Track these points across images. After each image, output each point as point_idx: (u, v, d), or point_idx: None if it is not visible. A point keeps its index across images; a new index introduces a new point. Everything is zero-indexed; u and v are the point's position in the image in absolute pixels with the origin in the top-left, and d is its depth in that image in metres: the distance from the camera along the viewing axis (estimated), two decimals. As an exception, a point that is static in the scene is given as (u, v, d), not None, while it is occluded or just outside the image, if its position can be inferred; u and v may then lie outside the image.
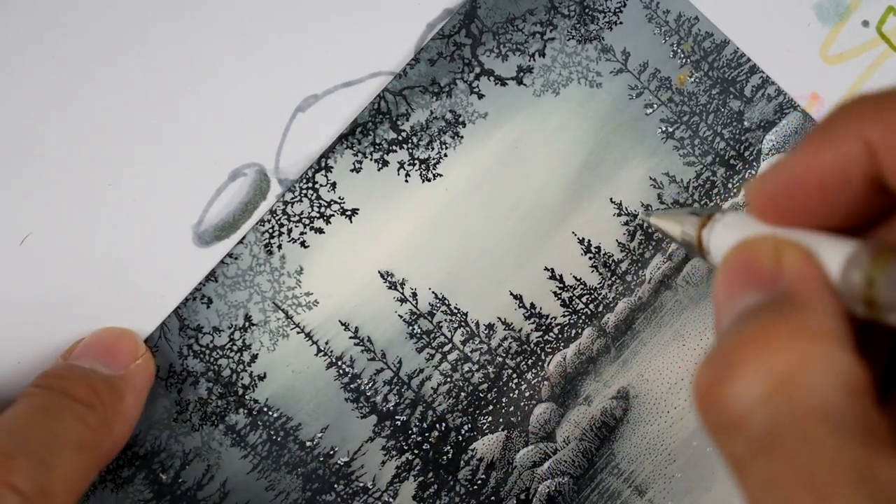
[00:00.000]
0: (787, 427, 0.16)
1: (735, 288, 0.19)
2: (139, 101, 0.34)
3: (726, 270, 0.20)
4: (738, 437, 0.17)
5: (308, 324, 0.35)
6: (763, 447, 0.16)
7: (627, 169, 0.37)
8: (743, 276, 0.19)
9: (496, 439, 0.36)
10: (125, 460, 0.33)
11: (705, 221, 0.25)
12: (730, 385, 0.17)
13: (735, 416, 0.17)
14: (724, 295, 0.20)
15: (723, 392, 0.17)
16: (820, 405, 0.16)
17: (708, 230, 0.24)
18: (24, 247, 0.33)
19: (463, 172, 0.36)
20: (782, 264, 0.19)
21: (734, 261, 0.20)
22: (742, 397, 0.17)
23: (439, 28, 0.36)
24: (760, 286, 0.19)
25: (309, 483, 0.34)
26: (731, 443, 0.17)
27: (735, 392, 0.17)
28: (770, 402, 0.16)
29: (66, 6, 0.33)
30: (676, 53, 0.38)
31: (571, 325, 0.37)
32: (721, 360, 0.18)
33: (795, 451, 0.16)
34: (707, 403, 0.18)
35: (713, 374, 0.18)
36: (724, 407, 0.17)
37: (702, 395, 0.18)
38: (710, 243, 0.24)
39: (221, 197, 0.34)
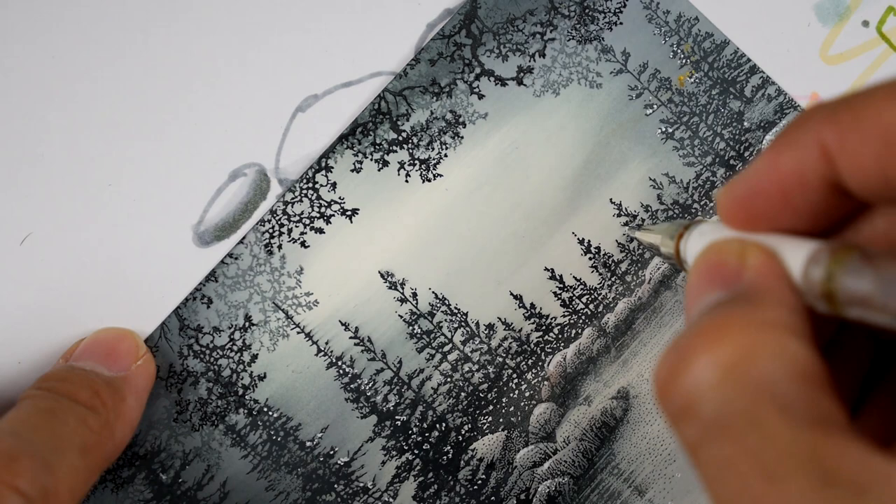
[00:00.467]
0: (737, 411, 0.17)
1: (702, 287, 0.20)
2: (139, 101, 0.34)
3: (695, 272, 0.20)
4: (692, 423, 0.17)
5: (308, 324, 0.35)
6: (714, 432, 0.17)
7: (627, 169, 0.37)
8: (709, 275, 0.20)
9: (496, 439, 0.36)
10: (125, 460, 0.33)
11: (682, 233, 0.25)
12: (683, 374, 0.18)
13: (688, 403, 0.18)
14: (692, 293, 0.20)
15: (677, 380, 0.18)
16: (769, 389, 0.17)
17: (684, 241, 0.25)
18: (24, 247, 0.33)
19: (463, 172, 0.36)
20: (745, 263, 0.19)
21: (702, 262, 0.20)
22: (695, 384, 0.17)
23: (439, 28, 0.36)
24: (724, 284, 0.19)
25: (309, 483, 0.34)
26: (685, 429, 0.18)
27: (688, 380, 0.18)
28: (721, 387, 0.17)
29: (66, 6, 0.33)
30: (676, 54, 0.38)
31: (571, 325, 0.37)
32: (677, 352, 0.18)
33: (745, 435, 0.16)
34: (664, 392, 0.18)
35: (669, 365, 0.18)
36: (679, 394, 0.18)
37: (659, 384, 0.19)
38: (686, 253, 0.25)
39: (221, 197, 0.34)
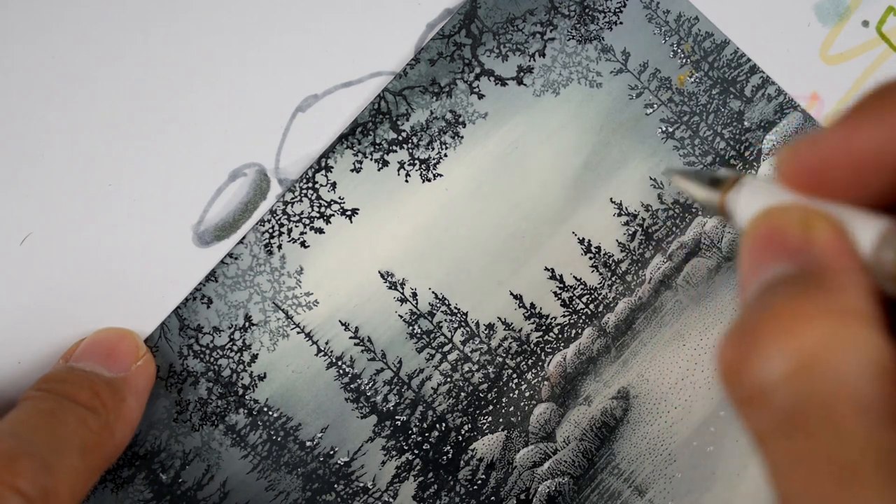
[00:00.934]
0: (812, 408, 0.16)
1: (761, 257, 0.19)
2: (139, 101, 0.34)
3: (752, 238, 0.19)
4: (762, 411, 0.17)
5: (308, 324, 0.35)
6: (786, 426, 0.16)
7: (627, 169, 0.37)
8: (769, 245, 0.19)
9: (496, 439, 0.36)
10: (125, 460, 0.33)
11: (731, 185, 0.24)
12: (754, 359, 0.17)
13: (759, 391, 0.17)
14: (750, 263, 0.19)
15: (747, 366, 0.17)
16: (846, 387, 0.16)
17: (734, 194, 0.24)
18: (24, 247, 0.33)
19: (463, 172, 0.36)
20: (811, 236, 0.18)
21: (761, 228, 0.19)
22: (766, 373, 0.17)
23: (439, 28, 0.36)
24: (787, 257, 0.18)
25: (309, 483, 0.34)
26: (754, 417, 0.17)
27: (759, 367, 0.17)
28: (795, 380, 0.16)
29: (66, 6, 0.33)
30: (676, 53, 0.38)
31: (571, 325, 0.37)
32: (746, 334, 0.17)
33: (819, 433, 0.16)
34: (731, 376, 0.18)
35: (738, 347, 0.17)
36: (748, 381, 0.17)
37: (725, 367, 0.18)
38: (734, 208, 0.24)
39: (221, 197, 0.34)
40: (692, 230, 0.38)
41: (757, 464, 0.37)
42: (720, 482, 0.36)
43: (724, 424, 0.37)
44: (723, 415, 0.37)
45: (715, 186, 0.25)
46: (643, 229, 0.37)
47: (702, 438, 0.37)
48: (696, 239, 0.38)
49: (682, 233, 0.38)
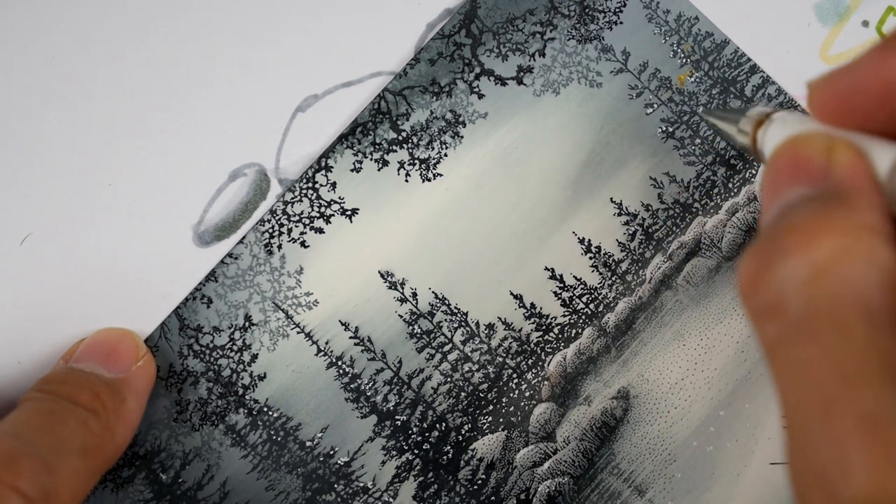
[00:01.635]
0: (823, 314, 0.16)
1: (783, 179, 0.19)
2: (139, 101, 0.34)
3: (775, 163, 0.20)
4: (775, 321, 0.17)
5: (308, 324, 0.35)
6: (797, 332, 0.17)
7: (627, 169, 0.37)
8: (792, 169, 0.19)
9: (496, 439, 0.36)
10: (125, 460, 0.33)
11: (762, 120, 0.24)
12: (772, 271, 0.17)
13: (774, 302, 0.17)
14: (772, 184, 0.20)
15: (764, 278, 0.17)
16: (857, 295, 0.16)
17: (763, 129, 0.24)
18: (24, 247, 0.33)
19: (463, 172, 0.36)
20: (833, 160, 0.19)
21: (784, 155, 0.20)
22: (782, 283, 0.17)
23: (439, 28, 0.36)
24: (809, 180, 0.19)
25: (309, 483, 0.34)
26: (766, 327, 0.17)
27: (776, 278, 0.17)
28: (809, 289, 0.17)
29: (66, 6, 0.33)
30: (676, 53, 0.38)
31: (571, 325, 0.37)
32: (765, 248, 0.18)
33: (828, 338, 0.16)
34: (748, 289, 0.18)
35: (756, 261, 0.18)
36: (766, 291, 0.17)
37: (744, 280, 0.18)
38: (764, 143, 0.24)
39: (221, 197, 0.34)
40: (692, 230, 0.38)
41: (757, 464, 0.37)
42: (720, 482, 0.36)
43: (724, 424, 0.37)
44: (723, 415, 0.37)
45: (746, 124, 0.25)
46: (643, 229, 0.37)
47: (702, 438, 0.37)
48: (697, 239, 0.38)
49: (683, 232, 0.38)
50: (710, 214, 0.38)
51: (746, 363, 0.37)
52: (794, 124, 0.22)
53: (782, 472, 0.37)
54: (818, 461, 0.16)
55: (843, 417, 0.15)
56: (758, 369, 0.37)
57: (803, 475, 0.16)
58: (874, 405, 0.15)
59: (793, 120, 0.22)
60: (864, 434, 0.15)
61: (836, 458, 0.15)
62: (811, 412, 0.16)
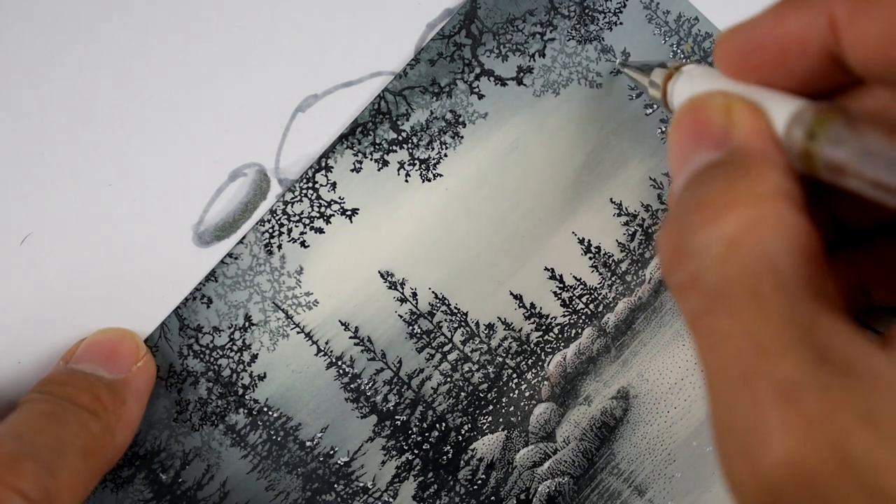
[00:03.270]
0: (737, 285, 0.17)
1: (688, 145, 0.20)
2: (139, 101, 0.34)
3: (678, 125, 0.20)
4: (694, 295, 0.18)
5: (308, 324, 0.35)
6: (713, 304, 0.17)
7: (627, 169, 0.37)
8: (695, 131, 0.20)
9: (496, 439, 0.36)
10: (125, 460, 0.33)
11: (671, 73, 0.25)
12: (688, 246, 0.18)
13: (693, 276, 0.18)
14: (678, 151, 0.20)
15: (681, 253, 0.18)
16: (770, 265, 0.17)
17: (673, 82, 0.24)
18: (24, 247, 0.33)
19: (463, 172, 0.36)
20: (732, 121, 0.19)
21: (686, 117, 0.20)
22: (698, 257, 0.18)
23: (439, 28, 0.36)
24: (712, 143, 0.19)
25: (309, 483, 0.34)
26: (687, 301, 0.18)
27: (692, 253, 0.18)
28: (722, 262, 0.17)
29: (65, 6, 0.33)
30: (676, 54, 0.38)
31: (571, 325, 0.37)
32: (679, 225, 0.18)
33: (742, 309, 0.16)
34: (668, 264, 0.18)
35: (673, 237, 0.18)
36: (684, 267, 0.18)
37: (664, 257, 0.19)
38: (673, 96, 0.24)
39: (221, 197, 0.34)
40: (692, 230, 0.38)
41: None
42: (720, 482, 0.36)
43: (723, 424, 0.37)
44: (722, 415, 0.37)
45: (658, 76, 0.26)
46: (643, 229, 0.37)
47: (702, 438, 0.37)
48: (696, 239, 0.38)
49: (682, 233, 0.38)
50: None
51: (746, 363, 0.37)
52: (700, 78, 0.22)
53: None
54: (739, 430, 0.16)
55: (761, 387, 0.16)
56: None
57: (726, 443, 0.16)
58: (791, 373, 0.15)
59: (699, 73, 0.23)
60: (782, 402, 0.15)
61: (756, 427, 0.15)
62: (731, 383, 0.16)
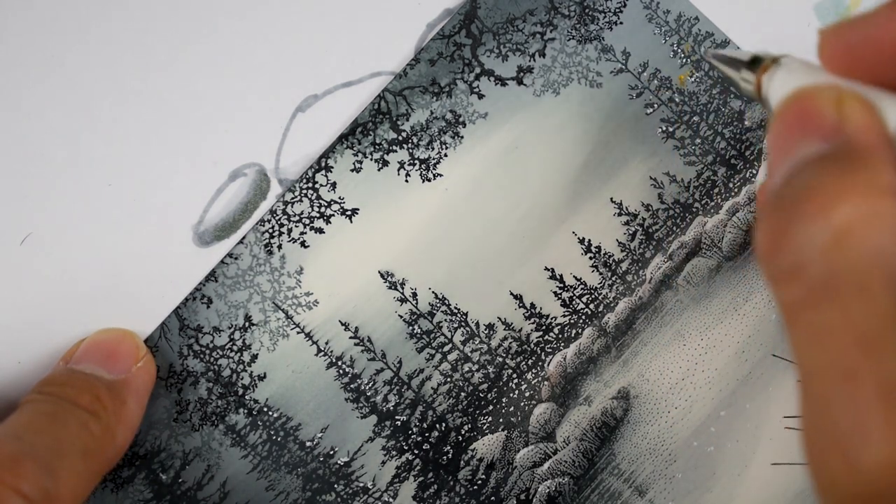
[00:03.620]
0: (844, 279, 0.16)
1: (793, 134, 0.19)
2: (139, 101, 0.34)
3: (784, 115, 0.19)
4: (795, 284, 0.17)
5: (308, 324, 0.35)
6: (817, 297, 0.16)
7: (627, 169, 0.37)
8: (802, 122, 0.19)
9: (496, 439, 0.36)
10: (125, 460, 0.33)
11: (768, 66, 0.23)
12: (791, 234, 0.17)
13: (794, 266, 0.17)
14: (781, 139, 0.19)
15: (784, 241, 0.17)
16: (880, 261, 0.16)
17: (769, 75, 0.23)
18: (24, 247, 0.33)
19: (463, 172, 0.36)
20: (844, 115, 0.18)
21: (794, 106, 0.19)
22: (802, 247, 0.17)
23: (439, 28, 0.36)
24: (820, 135, 0.18)
25: (309, 483, 0.34)
26: (786, 290, 0.17)
27: (796, 241, 0.17)
28: (830, 253, 0.16)
29: (66, 6, 0.33)
30: (676, 53, 0.38)
31: (571, 325, 0.36)
32: (783, 211, 0.18)
33: (849, 304, 0.16)
34: (767, 252, 0.18)
35: (775, 224, 0.18)
36: (784, 256, 0.17)
37: (763, 243, 0.18)
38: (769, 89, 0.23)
39: (221, 197, 0.34)
40: (692, 230, 0.38)
41: (758, 464, 0.37)
42: (720, 482, 0.36)
43: (724, 425, 0.37)
44: (723, 415, 0.37)
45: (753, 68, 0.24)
46: (643, 229, 0.37)
47: (702, 439, 0.36)
48: (697, 238, 0.38)
49: (683, 232, 0.38)
50: (710, 214, 0.38)
51: (747, 363, 0.37)
52: (801, 72, 0.21)
53: (783, 473, 0.37)
54: (837, 427, 0.15)
55: (863, 384, 0.15)
56: (759, 369, 0.37)
57: (820, 441, 0.16)
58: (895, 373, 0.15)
59: (800, 68, 0.22)
60: (885, 401, 0.15)
61: (855, 425, 0.15)
62: (830, 378, 0.16)
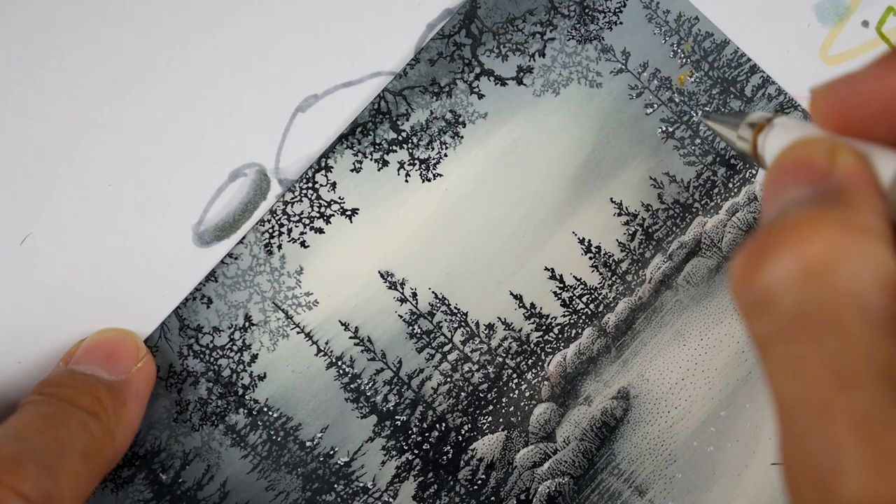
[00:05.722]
0: (818, 313, 0.16)
1: (785, 182, 0.19)
2: (139, 101, 0.34)
3: (778, 166, 0.19)
4: (767, 317, 0.17)
5: (308, 324, 0.35)
6: (791, 330, 0.16)
7: (627, 169, 0.37)
8: (794, 171, 0.19)
9: (496, 439, 0.36)
10: (125, 460, 0.33)
11: (763, 126, 0.24)
12: (764, 267, 0.17)
13: (767, 298, 0.17)
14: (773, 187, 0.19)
15: (756, 273, 0.17)
16: (854, 295, 0.16)
17: (764, 135, 0.24)
18: (24, 247, 0.33)
19: (463, 172, 0.36)
20: (836, 162, 0.18)
21: (787, 157, 0.19)
22: (776, 279, 0.17)
23: (439, 28, 0.36)
24: (810, 182, 0.19)
25: (309, 483, 0.34)
26: (758, 323, 0.17)
27: (768, 273, 0.17)
28: (804, 286, 0.16)
29: (66, 6, 0.33)
30: (676, 53, 0.38)
31: (571, 325, 0.37)
32: (759, 244, 0.18)
33: (823, 338, 0.16)
34: (740, 284, 0.18)
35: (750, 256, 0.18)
36: (758, 287, 0.17)
37: (736, 275, 0.18)
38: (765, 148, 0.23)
39: (221, 197, 0.34)
40: (692, 230, 0.38)
41: (758, 464, 0.37)
42: (720, 482, 0.36)
43: (724, 425, 0.37)
44: (723, 415, 0.37)
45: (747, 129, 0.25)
46: (643, 229, 0.37)
47: (702, 439, 0.37)
48: (697, 238, 0.38)
49: (683, 232, 0.38)
50: (710, 214, 0.38)
51: (747, 363, 0.37)
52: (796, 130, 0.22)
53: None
54: (813, 462, 0.15)
55: (838, 419, 0.15)
56: (758, 369, 0.37)
57: (798, 475, 0.16)
58: (870, 407, 0.15)
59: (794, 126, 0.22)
60: (860, 436, 0.15)
61: (831, 460, 0.15)
62: (805, 412, 0.16)
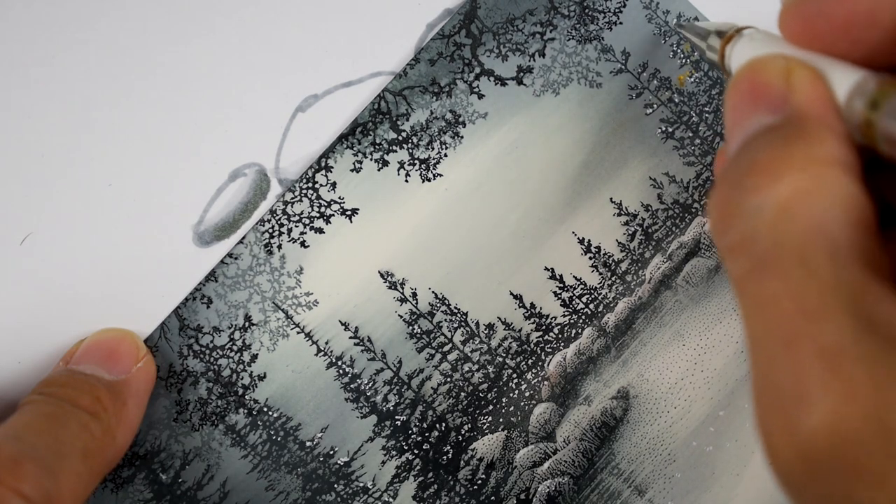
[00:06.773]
0: (788, 249, 0.17)
1: (745, 107, 0.19)
2: (139, 101, 0.34)
3: (736, 88, 0.20)
4: (743, 257, 0.17)
5: (308, 324, 0.35)
6: (763, 267, 0.17)
7: (627, 169, 0.37)
8: (752, 94, 0.19)
9: (496, 439, 0.36)
10: (125, 460, 0.33)
11: (732, 36, 0.24)
12: (739, 210, 0.18)
13: (743, 238, 0.18)
14: (734, 113, 0.20)
15: (733, 216, 0.18)
16: (822, 231, 0.17)
17: (731, 45, 0.24)
18: (24, 247, 0.33)
19: (463, 172, 0.36)
20: (791, 85, 0.19)
21: (744, 79, 0.20)
22: (750, 221, 0.17)
23: (439, 28, 0.36)
24: (769, 107, 0.19)
25: (309, 483, 0.34)
26: (735, 262, 0.18)
27: (744, 216, 0.18)
28: (775, 226, 0.17)
29: (66, 6, 0.33)
30: (676, 53, 0.38)
31: (571, 325, 0.37)
32: (732, 185, 0.18)
33: (792, 273, 0.16)
34: (719, 226, 0.18)
35: (725, 199, 0.18)
36: (735, 229, 0.18)
37: (714, 218, 0.19)
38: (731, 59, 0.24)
39: (221, 197, 0.34)
40: (692, 230, 0.38)
41: (757, 464, 0.37)
42: (720, 482, 0.36)
43: (723, 424, 0.37)
44: (722, 415, 0.37)
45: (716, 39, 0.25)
46: (643, 229, 0.37)
47: (701, 438, 0.37)
48: (696, 239, 0.38)
49: (682, 233, 0.38)
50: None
51: (746, 363, 0.37)
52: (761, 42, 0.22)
53: (782, 472, 0.37)
54: (779, 393, 0.16)
55: (804, 350, 0.16)
56: (757, 369, 0.37)
57: (765, 406, 0.16)
58: (835, 338, 0.15)
59: (760, 38, 0.22)
60: (825, 366, 0.15)
61: (796, 390, 0.16)
62: (774, 345, 0.16)
